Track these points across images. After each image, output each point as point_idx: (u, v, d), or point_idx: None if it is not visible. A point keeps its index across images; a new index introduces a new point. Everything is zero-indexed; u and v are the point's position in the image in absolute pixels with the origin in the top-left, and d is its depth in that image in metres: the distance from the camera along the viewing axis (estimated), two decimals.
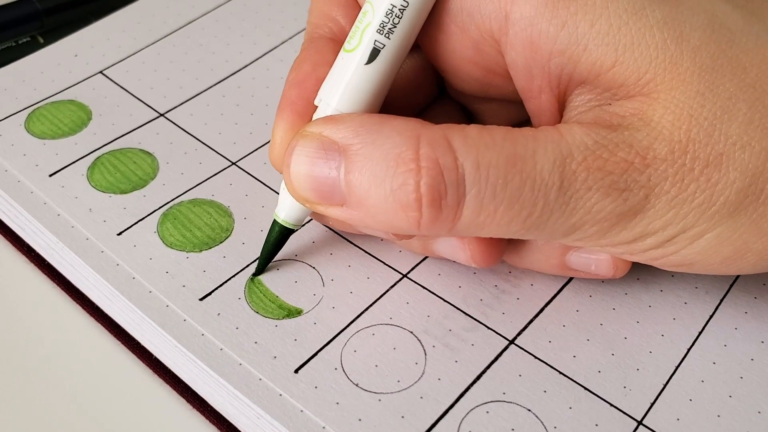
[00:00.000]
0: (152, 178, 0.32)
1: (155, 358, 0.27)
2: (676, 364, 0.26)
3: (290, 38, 0.39)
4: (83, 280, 0.29)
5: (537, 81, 0.24)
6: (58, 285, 0.30)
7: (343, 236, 0.30)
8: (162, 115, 0.35)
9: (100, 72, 0.37)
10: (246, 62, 0.37)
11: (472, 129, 0.22)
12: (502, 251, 0.27)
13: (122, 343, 0.28)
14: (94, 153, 0.33)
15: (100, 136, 0.33)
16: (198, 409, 0.26)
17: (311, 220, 0.30)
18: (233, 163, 0.32)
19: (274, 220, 0.27)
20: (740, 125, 0.22)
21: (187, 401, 0.26)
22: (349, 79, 0.24)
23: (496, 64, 0.25)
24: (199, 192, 0.31)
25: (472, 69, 0.26)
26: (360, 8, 0.25)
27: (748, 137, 0.22)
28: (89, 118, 0.34)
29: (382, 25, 0.24)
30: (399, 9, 0.24)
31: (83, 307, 0.29)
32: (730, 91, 0.22)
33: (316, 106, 0.25)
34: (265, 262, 0.28)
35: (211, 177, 0.32)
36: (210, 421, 0.26)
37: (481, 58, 0.25)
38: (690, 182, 0.22)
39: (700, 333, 0.27)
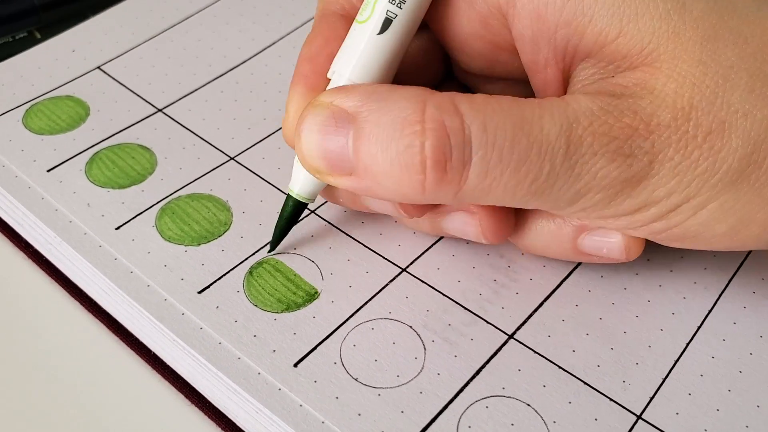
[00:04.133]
0: (150, 173, 0.32)
1: (153, 354, 0.27)
2: (675, 359, 0.26)
3: (288, 34, 0.39)
4: (81, 276, 0.29)
5: (543, 54, 0.24)
6: (56, 281, 0.30)
7: (341, 230, 0.29)
8: (160, 110, 0.35)
9: (98, 67, 0.37)
10: (244, 58, 0.37)
11: (479, 96, 0.23)
12: (512, 226, 0.27)
13: (121, 340, 0.28)
14: (93, 148, 0.33)
15: (98, 131, 0.33)
16: (197, 405, 0.26)
17: (324, 203, 0.30)
18: (232, 158, 0.32)
19: (288, 194, 0.27)
20: (742, 93, 0.22)
21: (186, 397, 0.26)
22: (362, 50, 0.24)
23: (502, 38, 0.25)
24: (197, 187, 0.31)
25: (478, 44, 0.26)
26: None
27: (750, 105, 0.22)
28: (87, 114, 0.34)
29: None
30: None
31: (81, 303, 0.29)
32: (731, 60, 0.22)
33: (329, 80, 0.25)
34: (279, 237, 0.28)
35: (209, 172, 0.32)
36: (209, 417, 0.26)
37: (488, 33, 0.25)
38: (693, 149, 0.22)
39: (699, 327, 0.27)
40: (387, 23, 0.24)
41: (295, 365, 0.25)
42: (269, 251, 0.28)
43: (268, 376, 0.25)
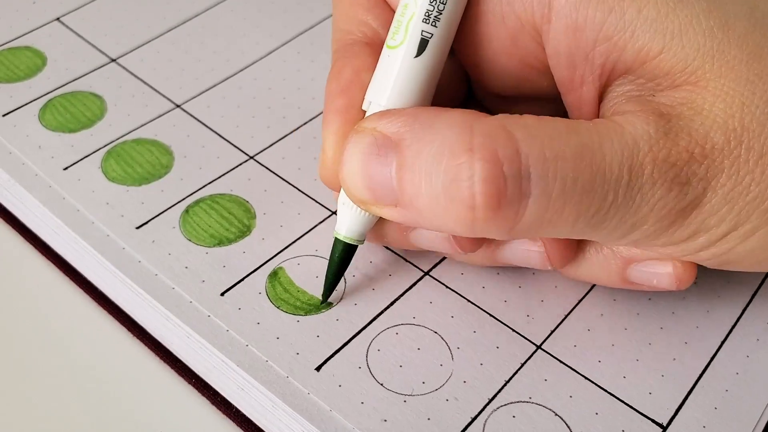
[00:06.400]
0: (100, 119, 0.33)
1: (108, 297, 0.29)
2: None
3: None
4: (32, 217, 0.31)
5: (579, 70, 0.23)
6: (11, 225, 0.32)
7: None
8: (114, 60, 0.36)
9: (57, 19, 0.38)
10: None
11: (529, 118, 0.21)
12: (575, 248, 0.25)
13: (71, 279, 0.30)
14: (47, 96, 0.34)
15: (54, 80, 0.35)
16: (139, 338, 0.28)
17: None
18: (178, 106, 0.34)
19: (336, 238, 0.26)
20: None
21: (144, 345, 0.28)
22: (397, 75, 0.23)
23: (533, 56, 0.24)
24: (142, 132, 0.33)
25: (507, 62, 0.25)
26: (388, 7, 0.25)
27: None
28: (44, 64, 0.36)
29: (427, 14, 0.23)
30: None
31: (34, 246, 0.31)
32: None
33: (365, 113, 0.24)
34: (332, 284, 0.27)
35: (155, 119, 0.33)
36: (151, 349, 0.28)
37: (518, 50, 0.24)
38: (745, 174, 0.21)
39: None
40: (423, 44, 0.23)
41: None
42: (321, 301, 0.27)
43: (198, 304, 0.27)
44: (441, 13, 0.23)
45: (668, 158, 0.21)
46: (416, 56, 0.23)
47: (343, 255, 0.26)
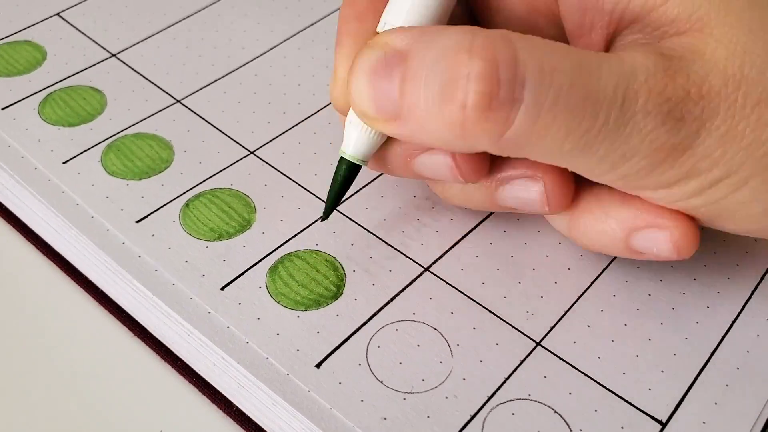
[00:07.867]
0: (100, 113, 0.33)
1: (104, 293, 0.29)
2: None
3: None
4: (32, 215, 0.31)
5: (589, 18, 0.24)
6: (10, 223, 0.32)
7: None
8: (114, 55, 0.36)
9: (57, 14, 0.38)
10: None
11: (533, 36, 0.22)
12: (572, 193, 0.26)
13: (72, 279, 0.30)
14: (47, 89, 0.34)
15: (53, 74, 0.35)
16: (141, 338, 0.28)
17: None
18: (178, 101, 0.34)
19: (341, 157, 0.26)
20: None
21: (146, 343, 0.28)
22: None
23: (542, 2, 0.25)
24: (142, 126, 0.33)
25: (517, 7, 0.25)
26: None
27: None
28: (44, 58, 0.36)
29: None
30: None
31: (36, 246, 0.31)
32: None
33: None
34: (333, 203, 0.27)
35: (155, 113, 0.33)
36: (155, 350, 0.28)
37: None
38: (740, 120, 0.21)
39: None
40: None
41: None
42: (322, 219, 0.28)
43: (198, 300, 0.27)
44: None
45: (664, 92, 0.21)
46: None
47: (346, 174, 0.26)
